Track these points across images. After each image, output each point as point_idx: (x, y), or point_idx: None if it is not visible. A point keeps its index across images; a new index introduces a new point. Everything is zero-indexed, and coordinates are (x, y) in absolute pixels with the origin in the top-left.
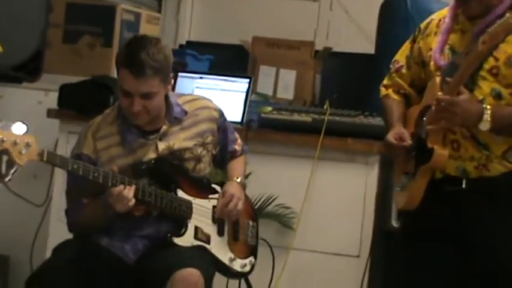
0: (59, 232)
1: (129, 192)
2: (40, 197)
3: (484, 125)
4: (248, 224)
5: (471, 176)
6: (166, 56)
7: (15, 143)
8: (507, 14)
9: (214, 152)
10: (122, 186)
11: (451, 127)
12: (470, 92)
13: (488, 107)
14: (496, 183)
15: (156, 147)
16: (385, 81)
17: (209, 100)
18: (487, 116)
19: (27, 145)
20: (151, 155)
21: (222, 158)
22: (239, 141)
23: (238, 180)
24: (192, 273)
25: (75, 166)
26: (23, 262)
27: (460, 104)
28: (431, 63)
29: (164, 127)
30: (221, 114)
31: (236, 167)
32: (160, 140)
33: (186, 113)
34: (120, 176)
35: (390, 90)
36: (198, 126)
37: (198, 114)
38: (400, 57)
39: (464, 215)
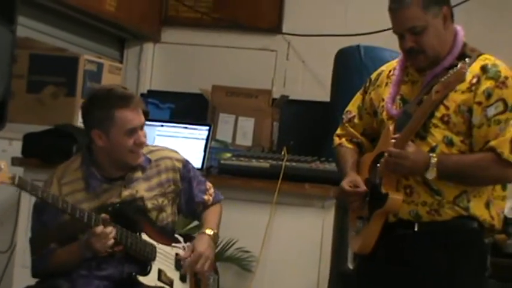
0: (23, 278)
1: (111, 230)
2: (4, 243)
3: (430, 174)
4: (210, 276)
5: (423, 220)
6: None
7: None
8: (460, 64)
9: (177, 201)
10: (101, 226)
11: (400, 176)
12: (423, 139)
13: (434, 156)
14: (447, 227)
15: (120, 194)
16: (338, 131)
17: (173, 151)
18: (433, 165)
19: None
20: (115, 200)
21: (192, 209)
22: (211, 190)
23: (210, 233)
24: None
25: (45, 194)
26: None
27: (409, 156)
28: (384, 112)
29: (128, 174)
30: (185, 164)
31: (209, 218)
32: (124, 187)
33: (150, 161)
34: (88, 211)
35: (343, 139)
36: (159, 176)
37: (159, 165)
38: (352, 107)
39: (416, 257)
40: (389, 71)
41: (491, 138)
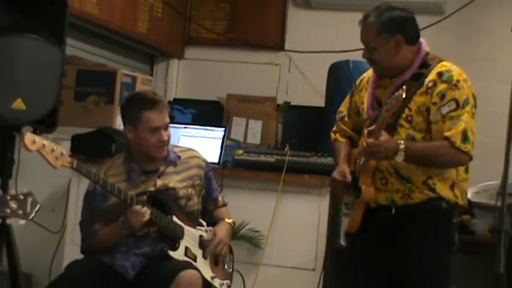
0: (72, 254)
1: (146, 210)
2: (57, 225)
3: (399, 157)
4: (226, 256)
5: (398, 204)
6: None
7: (53, 150)
8: (399, 91)
9: (202, 193)
10: (140, 206)
11: (376, 160)
12: (392, 137)
13: (402, 142)
14: (418, 208)
15: (155, 184)
16: (334, 128)
17: (197, 152)
18: (401, 150)
19: (62, 154)
20: (151, 189)
21: (206, 203)
22: (221, 194)
23: (230, 221)
24: (194, 274)
25: (97, 178)
26: (43, 279)
27: (382, 144)
28: (364, 114)
29: (161, 168)
30: (207, 163)
31: (225, 212)
32: (158, 177)
33: (179, 157)
34: (130, 194)
35: (338, 135)
36: (188, 171)
37: (189, 162)
38: (343, 108)
39: (394, 235)
40: (369, 77)
41: (446, 131)
